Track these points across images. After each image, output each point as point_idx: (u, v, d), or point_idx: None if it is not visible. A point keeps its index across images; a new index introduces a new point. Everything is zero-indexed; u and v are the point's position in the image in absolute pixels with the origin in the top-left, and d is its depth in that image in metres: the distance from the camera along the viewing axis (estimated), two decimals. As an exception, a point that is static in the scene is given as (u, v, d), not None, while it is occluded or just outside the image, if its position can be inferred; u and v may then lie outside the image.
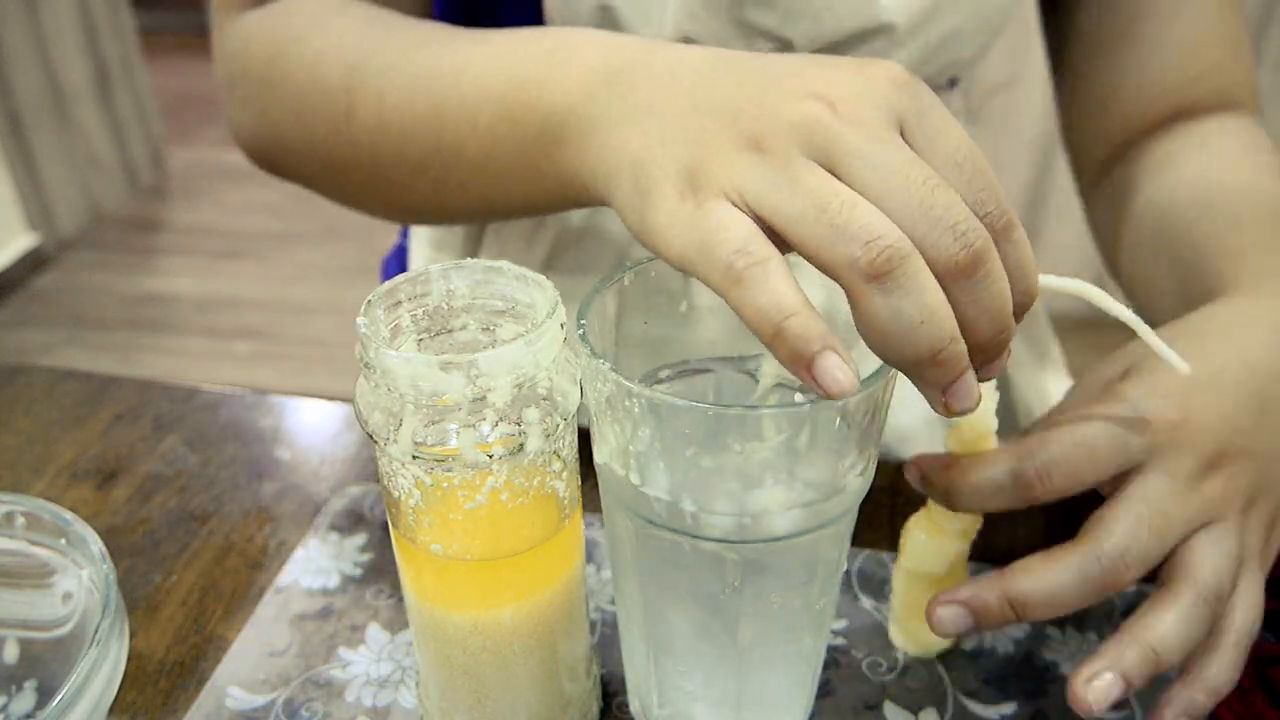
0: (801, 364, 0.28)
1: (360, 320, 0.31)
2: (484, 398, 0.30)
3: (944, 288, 0.28)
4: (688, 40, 0.52)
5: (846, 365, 0.28)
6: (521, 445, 0.31)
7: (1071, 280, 0.33)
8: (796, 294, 0.28)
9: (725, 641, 0.34)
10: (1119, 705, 0.41)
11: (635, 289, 0.35)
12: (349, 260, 2.47)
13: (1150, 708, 0.37)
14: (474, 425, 0.31)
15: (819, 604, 0.35)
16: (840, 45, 0.53)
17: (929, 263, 0.28)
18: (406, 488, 0.33)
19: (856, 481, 0.32)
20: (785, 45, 0.53)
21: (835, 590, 0.36)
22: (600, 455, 0.33)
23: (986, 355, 0.30)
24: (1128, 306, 0.37)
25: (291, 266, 2.50)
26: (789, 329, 0.28)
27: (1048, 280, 0.32)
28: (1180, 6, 0.56)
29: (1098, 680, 0.34)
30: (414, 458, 0.31)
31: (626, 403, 0.30)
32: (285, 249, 2.58)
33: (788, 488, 0.31)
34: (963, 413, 0.29)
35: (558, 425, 0.32)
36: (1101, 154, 0.61)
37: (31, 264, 2.44)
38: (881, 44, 0.53)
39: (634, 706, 0.40)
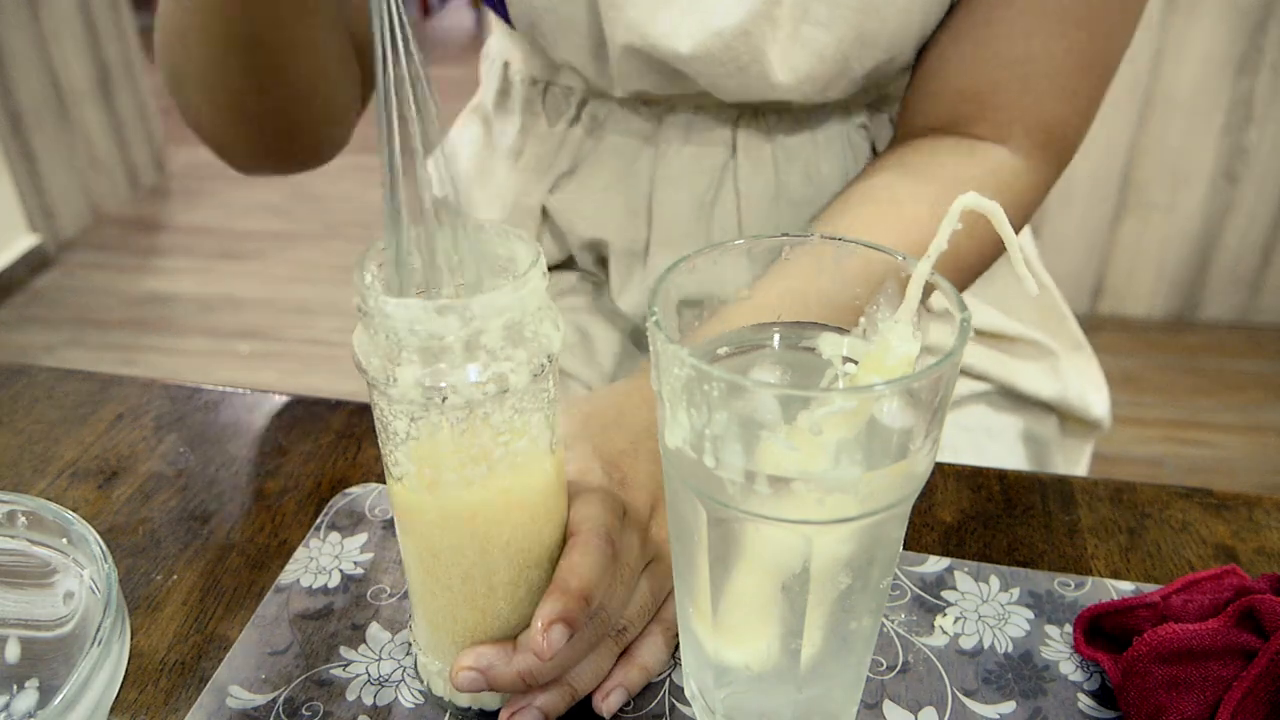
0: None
1: (357, 274, 0.34)
2: (477, 339, 0.33)
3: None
4: (640, 92, 0.63)
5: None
6: (510, 384, 0.34)
7: (988, 201, 0.31)
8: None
9: (791, 621, 0.35)
10: (1108, 705, 0.41)
11: (698, 275, 0.36)
12: (349, 260, 2.46)
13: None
14: (466, 365, 0.33)
15: (881, 584, 0.35)
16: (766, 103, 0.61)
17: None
18: (402, 429, 0.35)
19: (925, 461, 0.33)
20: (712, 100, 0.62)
21: (893, 571, 0.37)
22: (672, 440, 0.33)
23: None
24: None
25: (292, 266, 2.50)
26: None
27: (968, 199, 0.31)
28: (993, 36, 0.56)
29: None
30: (410, 399, 0.33)
31: (705, 387, 0.31)
32: (285, 249, 2.58)
33: (861, 469, 0.31)
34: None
35: (542, 365, 0.34)
36: (899, 132, 0.63)
37: (33, 264, 2.45)
38: (804, 96, 0.59)
39: (690, 689, 0.40)
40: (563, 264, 0.75)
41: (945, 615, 0.45)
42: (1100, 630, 0.43)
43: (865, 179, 0.58)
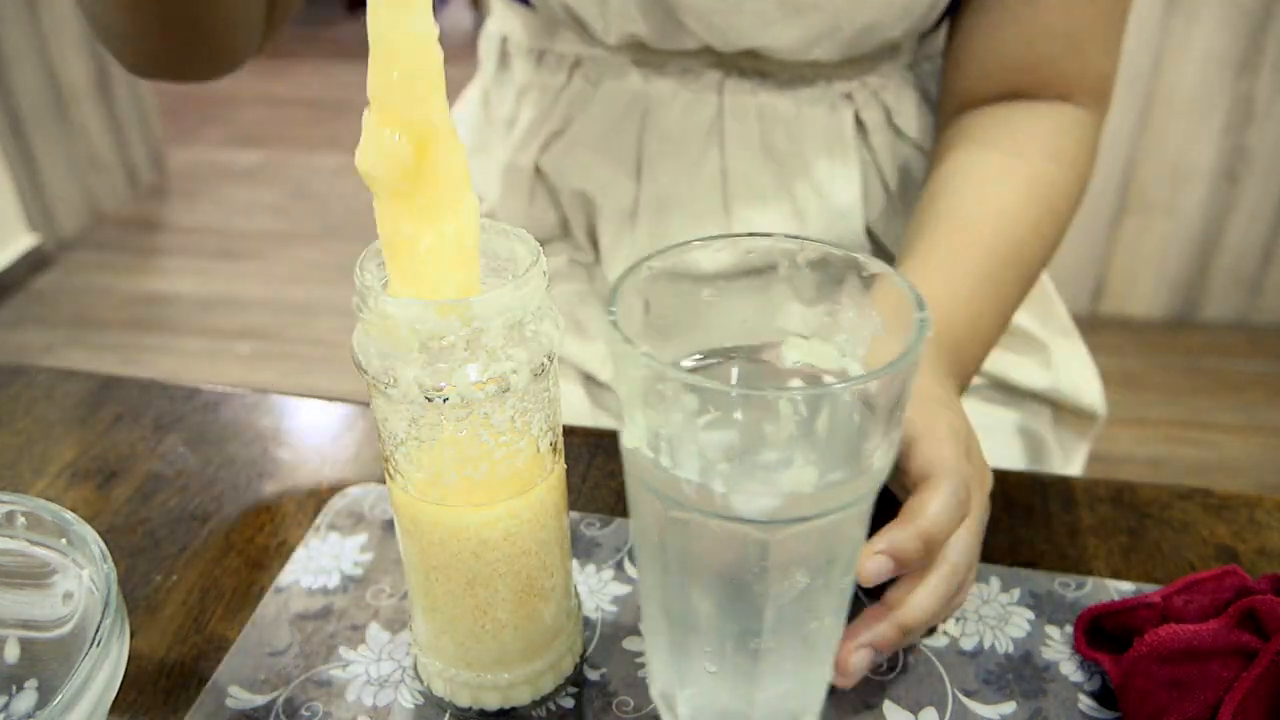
0: None
1: (358, 274, 0.34)
2: (478, 338, 0.33)
3: None
4: (634, 37, 0.63)
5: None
6: (511, 384, 0.33)
7: None
8: None
9: (750, 620, 0.35)
10: (1107, 704, 0.41)
11: (661, 277, 0.35)
12: (349, 260, 2.45)
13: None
14: (467, 365, 0.33)
15: (842, 583, 0.35)
16: (751, 51, 0.62)
17: None
18: (402, 429, 0.35)
19: (881, 462, 0.33)
20: (707, 47, 0.64)
21: (855, 570, 0.36)
22: (630, 440, 0.33)
23: None
24: None
25: (291, 266, 2.50)
26: None
27: None
28: (1037, 13, 0.59)
29: (856, 655, 0.39)
30: (410, 399, 0.33)
31: (659, 386, 0.30)
32: (285, 249, 2.58)
33: (816, 468, 0.31)
34: None
35: (543, 364, 0.34)
36: (949, 106, 0.65)
37: (32, 264, 2.44)
38: (792, 49, 0.62)
39: (654, 691, 0.40)
40: (556, 237, 0.76)
41: (946, 616, 0.45)
42: (1101, 631, 0.43)
43: (949, 160, 0.60)
